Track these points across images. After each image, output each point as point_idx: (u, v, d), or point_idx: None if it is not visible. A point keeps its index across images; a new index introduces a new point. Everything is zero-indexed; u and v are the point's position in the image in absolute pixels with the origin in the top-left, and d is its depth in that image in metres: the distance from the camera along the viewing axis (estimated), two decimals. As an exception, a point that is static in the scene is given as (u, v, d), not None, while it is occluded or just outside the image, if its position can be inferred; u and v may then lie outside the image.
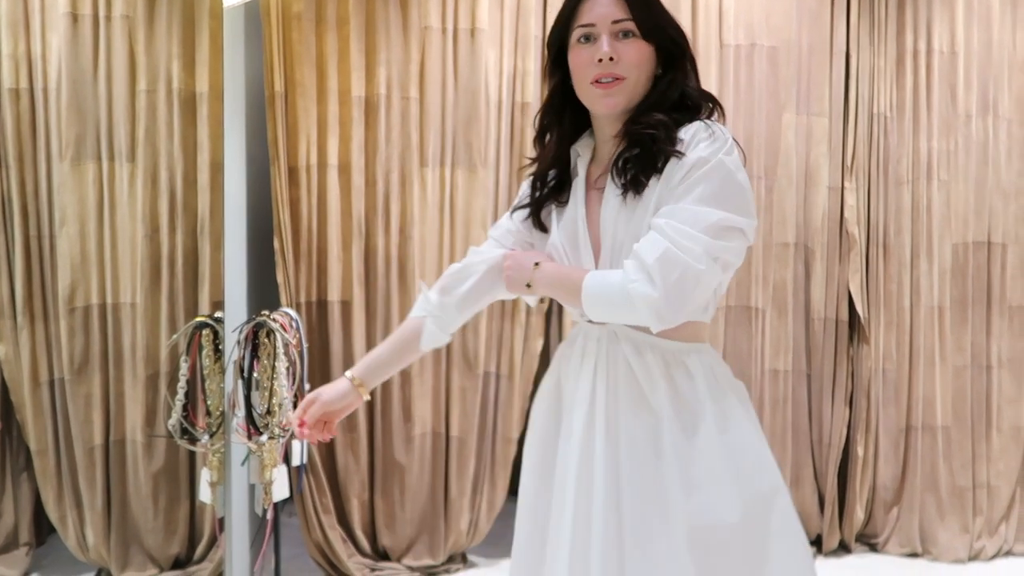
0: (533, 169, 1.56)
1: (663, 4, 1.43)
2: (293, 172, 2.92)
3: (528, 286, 1.44)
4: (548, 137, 1.53)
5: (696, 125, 1.35)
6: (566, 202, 1.50)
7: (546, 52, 1.50)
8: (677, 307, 1.27)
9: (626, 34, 1.38)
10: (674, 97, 1.40)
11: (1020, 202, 3.24)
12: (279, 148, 2.87)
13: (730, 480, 1.32)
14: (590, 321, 1.45)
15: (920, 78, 3.19)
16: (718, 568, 1.30)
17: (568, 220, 1.48)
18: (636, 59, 1.38)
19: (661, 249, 1.26)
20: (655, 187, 1.34)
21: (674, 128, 1.36)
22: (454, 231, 3.00)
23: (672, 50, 1.41)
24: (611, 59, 1.37)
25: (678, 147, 1.33)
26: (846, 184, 3.17)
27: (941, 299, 3.21)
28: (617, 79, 1.38)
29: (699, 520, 1.30)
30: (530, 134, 3.02)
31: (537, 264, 1.44)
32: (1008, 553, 3.23)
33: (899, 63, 3.20)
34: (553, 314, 3.15)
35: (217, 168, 2.70)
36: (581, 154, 1.51)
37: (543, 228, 1.54)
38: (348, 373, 1.59)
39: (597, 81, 1.39)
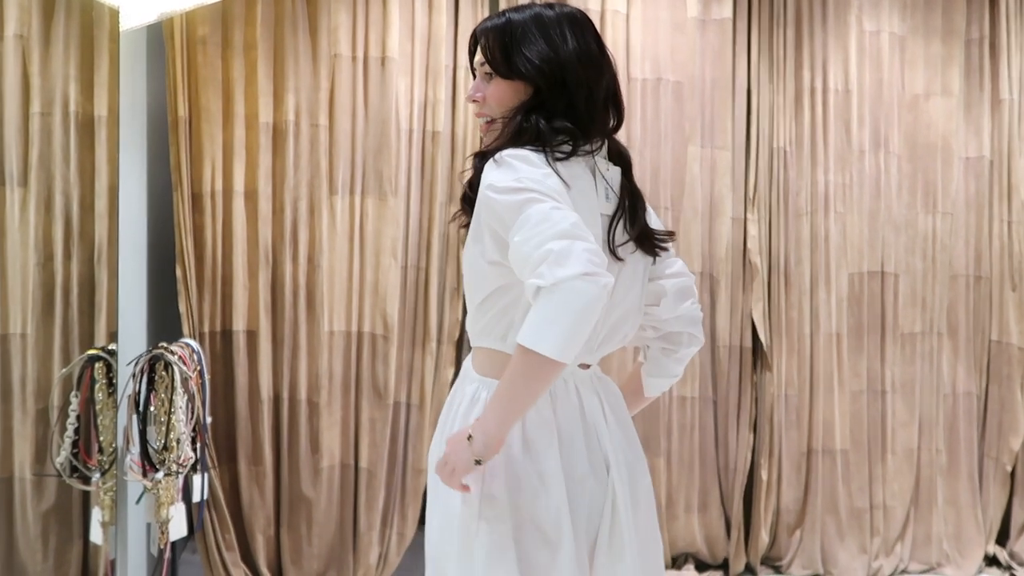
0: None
1: (541, 34, 1.43)
2: (197, 198, 2.86)
3: (478, 462, 1.30)
4: None
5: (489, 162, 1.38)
6: None
7: None
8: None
9: (490, 75, 1.47)
10: (517, 130, 1.41)
11: (909, 234, 3.40)
12: (182, 173, 2.80)
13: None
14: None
15: (817, 115, 3.33)
16: None
17: None
18: (497, 98, 1.46)
19: (526, 245, 1.25)
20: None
21: (476, 173, 1.41)
22: (363, 260, 2.98)
23: (539, 83, 1.43)
24: (474, 101, 1.48)
25: (471, 190, 1.41)
26: (748, 215, 3.27)
27: (839, 326, 3.33)
28: (489, 121, 1.48)
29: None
30: (441, 163, 3.05)
31: (470, 437, 1.30)
32: (904, 572, 3.36)
33: (797, 100, 3.33)
34: (464, 343, 3.15)
35: (115, 194, 2.62)
36: None
37: None
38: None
39: (480, 122, 1.51)
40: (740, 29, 3.27)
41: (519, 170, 1.31)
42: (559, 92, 1.42)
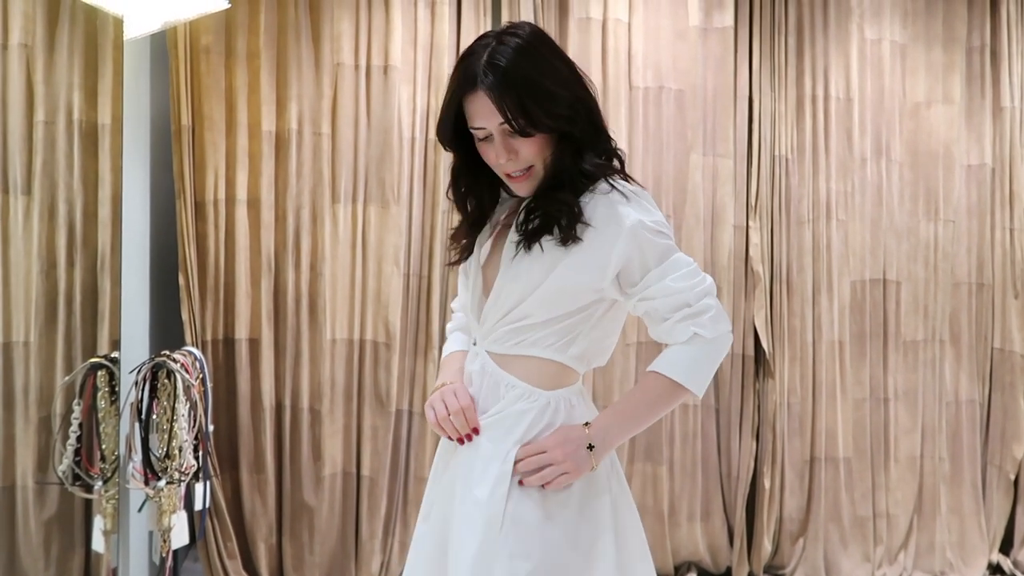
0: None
1: (547, 75, 1.39)
2: (200, 207, 2.86)
3: (594, 467, 1.42)
4: (468, 202, 1.55)
5: (607, 194, 1.41)
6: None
7: (438, 137, 1.50)
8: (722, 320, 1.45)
9: (514, 132, 1.40)
10: (566, 175, 1.42)
11: (912, 241, 3.40)
12: (185, 182, 2.81)
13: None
14: (474, 344, 1.53)
15: (819, 122, 3.33)
16: None
17: (472, 258, 1.53)
18: (534, 151, 1.41)
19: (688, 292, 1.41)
20: (554, 251, 1.40)
21: (577, 204, 1.40)
22: (366, 268, 2.98)
23: (562, 131, 1.41)
24: (509, 159, 1.42)
25: (580, 218, 1.39)
26: (750, 223, 3.27)
27: (841, 334, 3.33)
28: (528, 168, 1.43)
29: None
30: (444, 171, 3.06)
31: (591, 447, 1.41)
32: (907, 580, 3.35)
33: (799, 108, 3.34)
34: (467, 350, 3.15)
35: (118, 202, 2.62)
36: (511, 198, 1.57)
37: None
38: (438, 383, 1.57)
39: (509, 175, 1.45)
40: (742, 37, 3.27)
41: (653, 212, 1.43)
42: (587, 123, 1.43)
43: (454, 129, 1.45)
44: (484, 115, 1.39)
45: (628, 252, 1.39)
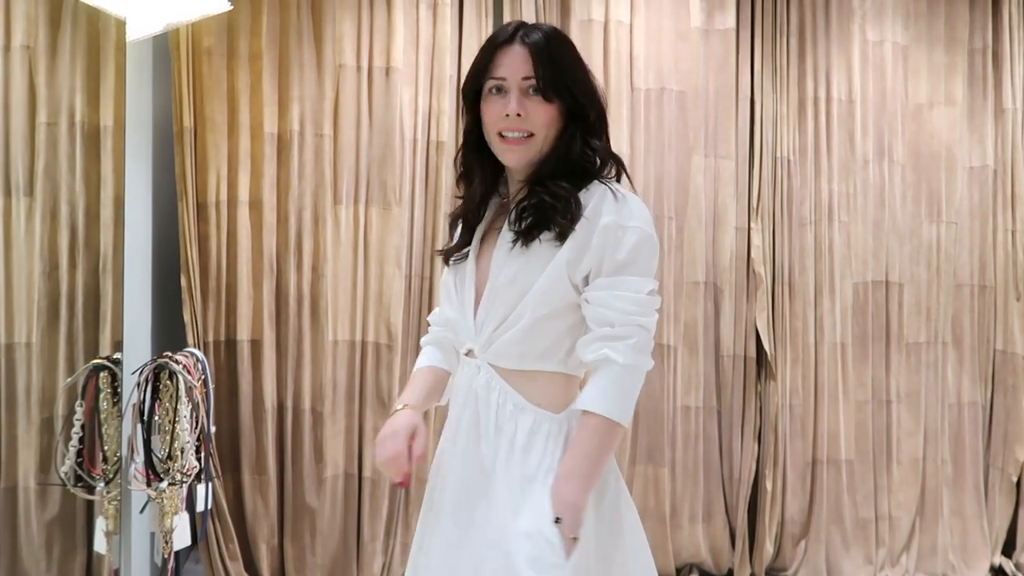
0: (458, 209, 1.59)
1: (577, 59, 1.46)
2: (202, 208, 2.87)
3: (575, 539, 1.38)
4: (472, 178, 1.55)
5: (599, 190, 1.42)
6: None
7: (462, 96, 1.53)
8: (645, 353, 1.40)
9: (535, 90, 1.42)
10: (573, 157, 1.43)
11: (914, 243, 3.40)
12: (187, 183, 2.81)
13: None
14: (466, 354, 1.52)
15: (820, 124, 3.33)
16: None
17: (463, 257, 1.53)
18: (544, 118, 1.42)
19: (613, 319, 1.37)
20: (551, 248, 1.39)
21: (575, 196, 1.40)
22: (367, 269, 2.98)
23: (576, 110, 1.44)
24: (519, 115, 1.41)
25: (579, 213, 1.39)
26: (752, 225, 3.27)
27: (843, 336, 3.33)
28: (527, 136, 1.43)
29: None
30: (446, 173, 3.06)
31: (558, 521, 1.37)
32: (909, 582, 3.34)
33: (801, 109, 3.34)
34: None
35: (121, 203, 2.62)
36: (502, 194, 1.56)
37: None
38: (400, 404, 1.57)
39: (503, 135, 1.43)
40: (743, 38, 3.27)
41: (637, 219, 1.39)
42: (597, 116, 1.46)
43: (477, 90, 1.47)
44: (512, 66, 1.41)
45: (604, 247, 1.38)
